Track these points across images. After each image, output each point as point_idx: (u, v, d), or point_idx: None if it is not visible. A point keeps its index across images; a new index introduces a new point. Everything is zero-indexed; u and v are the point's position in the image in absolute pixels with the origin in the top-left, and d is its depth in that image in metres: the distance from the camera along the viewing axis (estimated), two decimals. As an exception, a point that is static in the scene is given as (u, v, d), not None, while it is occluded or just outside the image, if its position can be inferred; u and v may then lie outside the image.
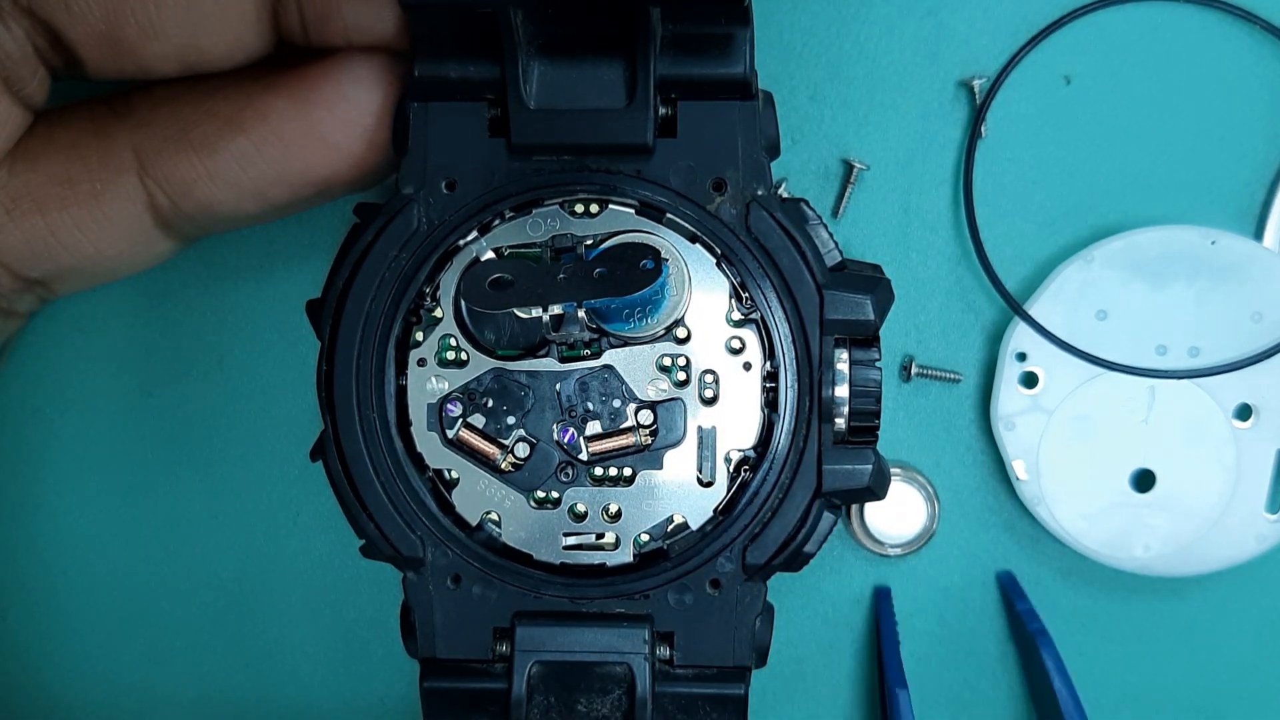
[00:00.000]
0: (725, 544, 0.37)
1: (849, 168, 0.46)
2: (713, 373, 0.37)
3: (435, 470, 0.38)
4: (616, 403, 0.37)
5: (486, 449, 0.37)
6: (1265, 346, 0.44)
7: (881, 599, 0.46)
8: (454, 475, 0.38)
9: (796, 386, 0.37)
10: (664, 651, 0.38)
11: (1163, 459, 0.45)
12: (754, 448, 0.37)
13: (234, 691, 0.48)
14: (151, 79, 0.39)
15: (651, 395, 0.37)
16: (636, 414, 0.37)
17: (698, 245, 0.37)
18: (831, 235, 0.38)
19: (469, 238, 0.37)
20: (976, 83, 0.45)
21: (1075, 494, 0.45)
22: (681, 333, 0.37)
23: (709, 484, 0.37)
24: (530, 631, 0.37)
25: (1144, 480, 0.45)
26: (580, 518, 0.38)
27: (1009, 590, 0.46)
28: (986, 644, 0.47)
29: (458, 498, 0.38)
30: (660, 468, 0.37)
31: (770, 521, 0.37)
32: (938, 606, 0.47)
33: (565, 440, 0.38)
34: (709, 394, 0.37)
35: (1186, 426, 0.45)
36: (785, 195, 0.40)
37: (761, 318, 0.37)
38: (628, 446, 0.37)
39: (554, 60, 0.37)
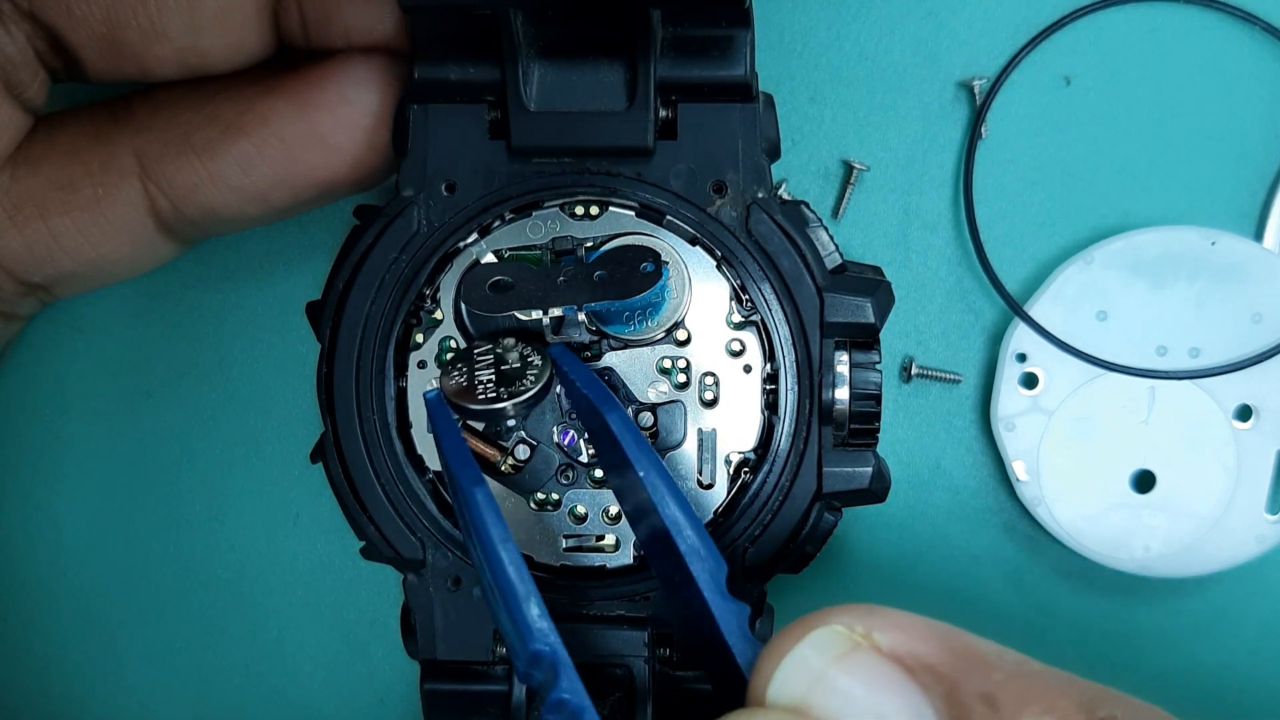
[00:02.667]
0: (725, 546, 0.37)
1: (849, 169, 0.46)
2: (713, 375, 0.37)
3: (436, 472, 0.38)
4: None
5: (487, 451, 0.37)
6: (1265, 347, 0.44)
7: (433, 403, 0.37)
8: (454, 477, 0.38)
9: (797, 389, 0.37)
10: (664, 653, 0.38)
11: (1163, 460, 0.45)
12: (754, 450, 0.37)
13: (234, 691, 0.48)
14: (152, 82, 0.39)
15: (652, 397, 0.37)
16: (637, 416, 0.37)
17: (698, 247, 0.37)
18: (832, 237, 0.38)
19: (469, 240, 0.38)
20: (976, 83, 0.45)
21: (1075, 494, 0.45)
22: (682, 335, 0.37)
23: (709, 486, 0.37)
24: (531, 633, 0.37)
25: (1144, 481, 0.45)
26: (580, 519, 0.38)
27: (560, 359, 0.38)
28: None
29: (458, 500, 0.38)
30: (660, 470, 0.37)
31: (770, 523, 0.37)
32: (938, 608, 0.47)
33: (565, 442, 0.38)
34: (709, 396, 0.37)
35: (1187, 427, 0.45)
36: (785, 197, 0.40)
37: (762, 320, 0.37)
38: (628, 448, 0.37)
39: (554, 62, 0.37)
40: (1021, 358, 0.45)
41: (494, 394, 0.36)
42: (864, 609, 0.28)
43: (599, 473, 0.38)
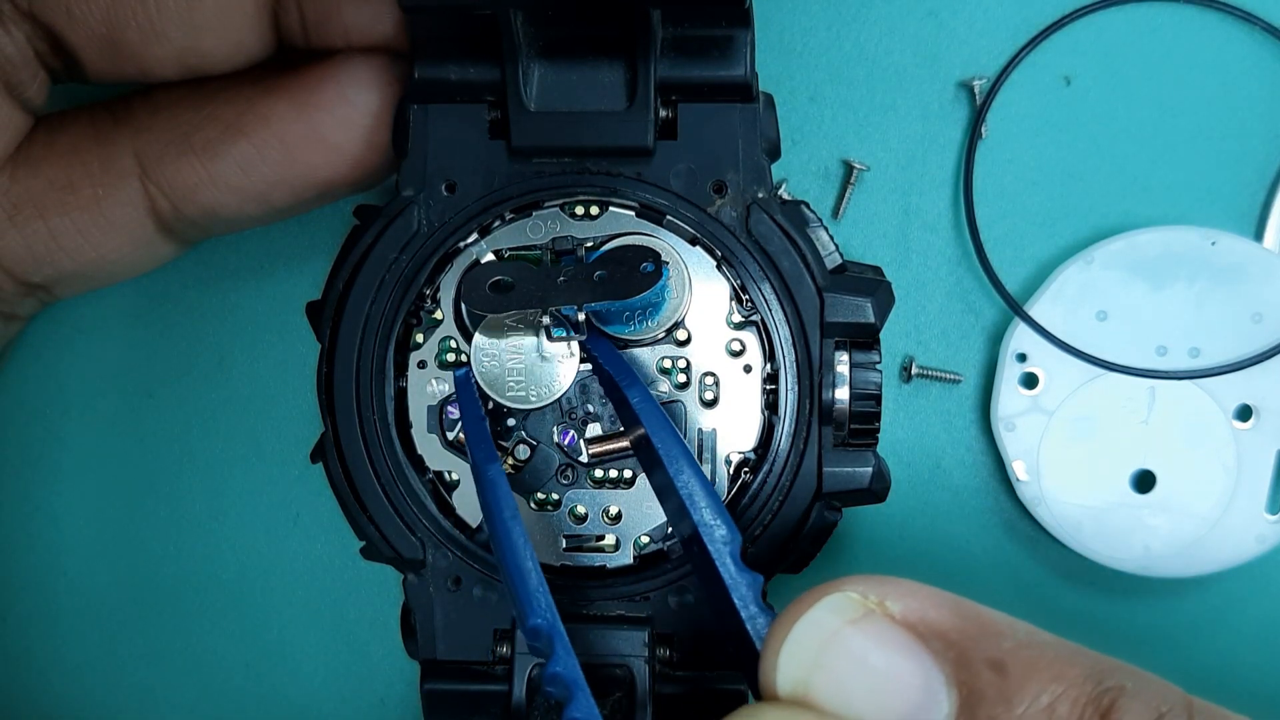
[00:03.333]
0: (725, 545, 0.37)
1: (849, 169, 0.46)
2: (713, 375, 0.37)
3: (436, 472, 0.38)
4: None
5: None
6: (1265, 347, 0.44)
7: (461, 382, 0.38)
8: (454, 477, 0.38)
9: (797, 389, 0.37)
10: (664, 653, 0.38)
11: (1163, 460, 0.45)
12: (754, 450, 0.37)
13: (234, 691, 0.48)
14: (152, 82, 0.39)
15: (652, 397, 0.37)
16: (637, 416, 0.37)
17: (698, 248, 0.37)
18: (832, 237, 0.38)
19: (469, 240, 0.38)
20: (976, 83, 0.45)
21: (1075, 494, 0.45)
22: (682, 335, 0.37)
23: (709, 486, 0.37)
24: (530, 633, 0.37)
25: (1144, 481, 0.45)
26: (580, 519, 0.38)
27: None
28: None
29: (458, 500, 0.38)
30: (661, 470, 0.37)
31: (770, 523, 0.37)
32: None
33: (565, 442, 0.38)
34: (709, 396, 0.37)
35: (1187, 427, 0.45)
36: (786, 197, 0.40)
37: (762, 320, 0.37)
38: (628, 448, 0.37)
39: (554, 62, 0.37)
40: (1021, 358, 0.45)
41: (522, 391, 0.37)
42: (877, 578, 0.28)
43: (599, 473, 0.38)
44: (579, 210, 0.38)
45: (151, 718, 0.48)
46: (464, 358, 0.38)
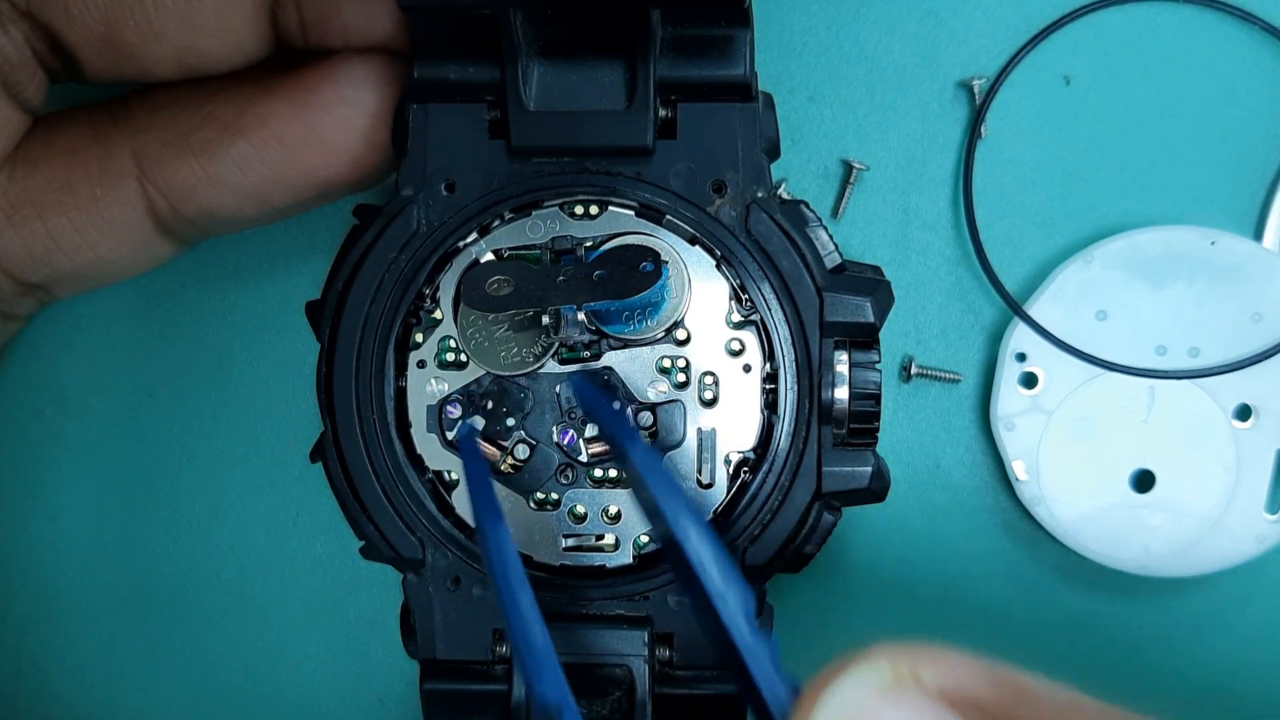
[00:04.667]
0: (725, 545, 0.37)
1: (849, 168, 0.46)
2: (712, 374, 0.37)
3: (435, 472, 0.38)
4: (616, 405, 0.37)
5: (486, 451, 0.37)
6: (1265, 347, 0.44)
7: (464, 440, 0.38)
8: (454, 477, 0.38)
9: (796, 388, 0.37)
10: (664, 653, 0.38)
11: (1163, 459, 0.45)
12: (754, 449, 0.37)
13: (234, 691, 0.48)
14: (150, 82, 0.39)
15: (651, 397, 0.37)
16: (636, 416, 0.37)
17: (697, 247, 0.37)
18: (831, 237, 0.38)
19: (469, 239, 0.38)
20: (976, 83, 0.45)
21: (1075, 494, 0.45)
22: (681, 334, 0.37)
23: (709, 486, 0.37)
24: (530, 633, 0.37)
25: (1144, 480, 0.45)
26: (580, 519, 0.38)
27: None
28: (985, 645, 0.47)
29: (458, 499, 0.38)
30: (660, 469, 0.37)
31: (770, 523, 0.37)
32: (938, 608, 0.47)
33: (565, 442, 0.38)
34: (709, 396, 0.37)
35: (1186, 427, 0.45)
36: (785, 197, 0.40)
37: (761, 320, 0.37)
38: (627, 448, 0.37)
39: (554, 62, 0.37)
40: (1021, 357, 0.45)
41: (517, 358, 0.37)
42: (909, 646, 0.27)
43: (599, 472, 0.38)
44: (578, 210, 0.38)
45: (151, 718, 0.48)
46: (463, 357, 0.37)
